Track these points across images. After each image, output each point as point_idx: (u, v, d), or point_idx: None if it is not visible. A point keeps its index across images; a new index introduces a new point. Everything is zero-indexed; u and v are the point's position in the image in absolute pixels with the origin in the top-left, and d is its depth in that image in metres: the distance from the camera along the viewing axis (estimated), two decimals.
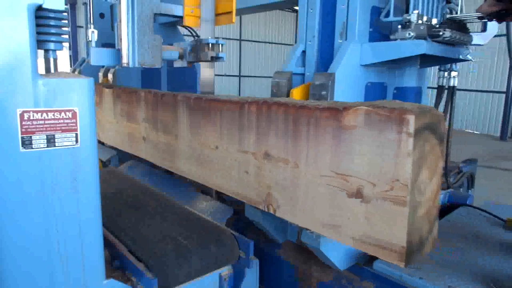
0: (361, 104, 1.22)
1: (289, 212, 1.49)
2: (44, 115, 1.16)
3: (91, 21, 2.40)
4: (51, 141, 1.18)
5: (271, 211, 1.56)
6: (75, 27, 14.60)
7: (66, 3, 1.28)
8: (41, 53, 1.24)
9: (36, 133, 1.15)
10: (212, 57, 1.96)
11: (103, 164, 3.26)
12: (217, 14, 2.03)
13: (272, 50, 18.91)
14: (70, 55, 13.39)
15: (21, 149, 1.13)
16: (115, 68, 3.07)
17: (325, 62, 1.75)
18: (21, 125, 1.12)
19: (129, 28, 1.79)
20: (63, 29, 1.28)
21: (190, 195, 2.40)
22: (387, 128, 1.14)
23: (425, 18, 1.58)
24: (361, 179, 1.22)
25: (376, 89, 1.79)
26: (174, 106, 2.03)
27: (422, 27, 1.52)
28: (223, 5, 1.99)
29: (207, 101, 1.82)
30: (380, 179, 1.17)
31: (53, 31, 1.25)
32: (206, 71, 2.27)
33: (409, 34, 1.55)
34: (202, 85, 2.31)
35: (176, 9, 2.02)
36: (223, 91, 15.50)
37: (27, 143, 1.14)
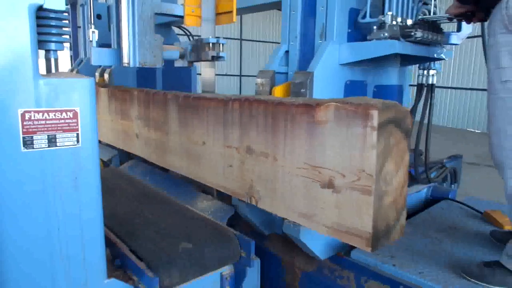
0: (331, 100, 1.32)
1: (269, 203, 1.59)
2: (46, 115, 1.17)
3: (91, 21, 2.45)
4: (52, 141, 1.19)
5: (254, 202, 1.66)
6: (75, 27, 14.70)
7: (67, 3, 1.32)
8: (42, 53, 1.26)
9: (38, 133, 1.16)
10: (212, 56, 1.98)
11: (104, 164, 3.28)
12: (217, 14, 2.05)
13: (272, 50, 18.97)
14: (71, 56, 13.52)
15: (23, 149, 1.14)
16: (111, 68, 3.17)
17: (307, 61, 1.84)
18: (23, 125, 1.13)
19: (130, 28, 1.80)
20: (64, 29, 1.29)
21: (191, 194, 2.41)
22: (354, 122, 1.23)
23: (399, 19, 1.67)
24: (332, 171, 1.31)
25: (356, 87, 1.88)
26: (164, 104, 2.13)
27: (395, 28, 1.61)
28: (223, 4, 2.01)
29: (195, 99, 1.92)
30: (349, 170, 1.26)
31: (54, 31, 1.26)
32: (207, 71, 2.29)
33: (384, 35, 1.64)
34: (203, 84, 2.32)
35: (177, 9, 2.03)
36: (224, 91, 15.57)
37: (28, 143, 1.15)
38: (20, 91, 1.11)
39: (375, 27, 1.69)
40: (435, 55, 1.85)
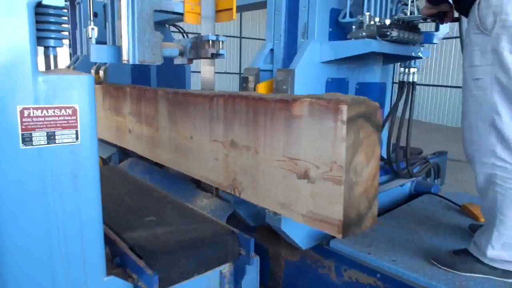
0: (306, 96, 1.40)
1: (251, 194, 1.67)
2: (44, 112, 1.16)
3: (90, 18, 2.47)
4: (51, 138, 1.18)
5: (237, 193, 1.75)
6: (75, 24, 14.75)
7: (65, 0, 1.32)
8: (41, 50, 1.26)
9: (36, 130, 1.16)
10: (212, 54, 1.97)
11: (104, 162, 3.30)
12: (217, 11, 2.05)
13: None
14: (70, 53, 13.58)
15: (21, 146, 1.14)
16: (106, 66, 3.26)
17: (291, 59, 1.92)
18: (21, 122, 1.13)
19: (129, 25, 1.79)
20: (62, 25, 1.29)
21: (190, 192, 2.41)
22: (326, 116, 1.32)
23: (377, 19, 1.75)
24: (308, 162, 1.40)
25: (337, 84, 1.96)
26: (155, 101, 2.22)
27: (372, 28, 1.70)
28: (223, 2, 2.01)
29: (183, 95, 2.01)
30: (322, 161, 1.35)
31: (53, 27, 1.26)
32: (206, 68, 2.29)
33: (362, 34, 1.73)
34: (202, 82, 2.33)
35: (177, 6, 2.02)
36: (223, 89, 15.65)
37: (27, 140, 1.14)
38: (19, 88, 1.11)
39: (354, 27, 1.78)
40: (413, 54, 1.93)
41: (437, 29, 1.96)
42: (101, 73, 3.26)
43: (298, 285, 2.04)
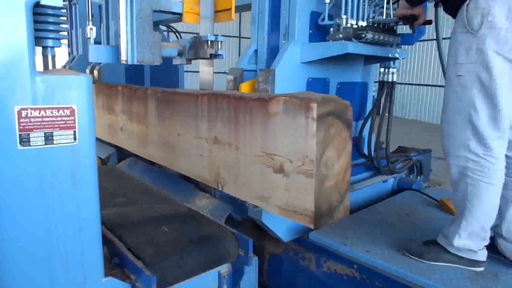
0: (281, 95, 1.50)
1: (233, 188, 1.77)
2: (42, 112, 1.16)
3: (89, 18, 2.51)
4: (49, 138, 1.18)
5: (220, 188, 1.84)
6: (71, 24, 14.82)
7: (64, 0, 1.34)
8: (39, 50, 1.27)
9: (34, 130, 1.16)
10: (211, 54, 1.97)
11: (102, 162, 3.32)
12: (216, 11, 2.06)
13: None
14: (69, 52, 13.66)
15: (19, 146, 1.14)
16: (100, 65, 3.36)
17: (274, 60, 2.02)
18: (19, 123, 1.12)
19: (127, 25, 1.79)
20: (61, 26, 1.30)
21: (189, 192, 2.42)
22: (298, 114, 1.41)
23: (353, 22, 1.85)
24: (283, 157, 1.50)
25: (318, 84, 2.06)
26: (145, 99, 2.32)
27: (349, 30, 1.79)
28: (222, 2, 2.02)
29: (171, 94, 2.11)
30: (296, 156, 1.45)
31: (51, 27, 1.26)
32: (205, 69, 2.29)
33: (339, 36, 1.82)
34: (201, 82, 2.35)
35: (175, 6, 2.01)
36: (223, 89, 15.74)
37: (25, 140, 1.14)
38: (16, 88, 1.11)
39: (332, 29, 1.88)
40: (390, 55, 2.03)
41: (413, 31, 2.05)
42: (95, 72, 3.36)
43: (281, 276, 2.13)
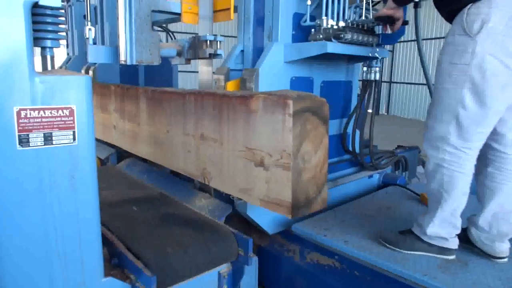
0: (261, 92, 1.59)
1: (218, 182, 1.86)
2: (41, 112, 1.16)
3: (87, 18, 2.55)
4: (48, 139, 1.19)
5: (206, 182, 1.94)
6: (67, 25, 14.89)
7: (63, 0, 1.34)
8: (38, 50, 1.27)
9: (33, 131, 1.16)
10: (210, 54, 1.97)
11: (102, 162, 3.33)
12: (215, 11, 2.07)
13: None
14: (68, 53, 13.74)
15: (18, 147, 1.14)
16: (95, 65, 3.46)
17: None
18: (18, 123, 1.13)
19: (126, 25, 1.80)
20: (59, 26, 1.31)
21: (188, 192, 2.43)
22: (276, 110, 1.51)
23: (334, 23, 1.95)
24: (263, 152, 1.59)
25: (301, 82, 2.15)
26: (136, 98, 2.41)
27: (328, 30, 1.89)
28: (221, 2, 2.03)
29: (160, 92, 2.20)
30: (274, 150, 1.54)
31: (49, 28, 1.27)
32: (204, 69, 2.31)
33: (319, 36, 1.92)
34: (200, 82, 2.36)
35: (174, 6, 2.02)
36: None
37: (24, 141, 1.15)
38: (15, 88, 1.11)
39: (313, 30, 1.97)
40: (370, 54, 2.12)
41: (393, 32, 2.14)
42: (90, 72, 3.46)
43: (268, 268, 2.23)
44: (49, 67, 1.36)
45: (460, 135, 1.61)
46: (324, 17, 1.92)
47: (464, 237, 1.78)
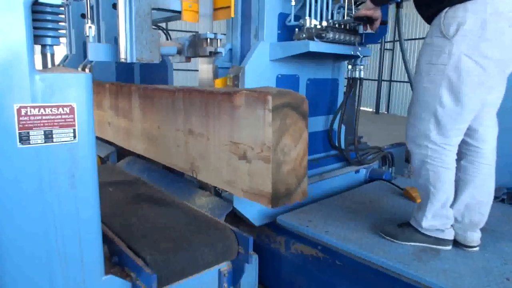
0: (244, 89, 1.69)
1: (205, 175, 1.96)
2: (42, 110, 1.17)
3: (88, 17, 2.61)
4: (48, 136, 1.19)
5: (194, 175, 2.04)
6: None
7: None
8: (38, 48, 1.27)
9: (34, 128, 1.17)
10: (210, 52, 1.99)
11: (102, 161, 3.38)
12: (215, 9, 2.09)
13: None
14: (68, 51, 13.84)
15: (19, 145, 1.14)
16: (91, 64, 3.56)
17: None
18: (19, 121, 1.13)
19: (126, 24, 1.81)
20: (60, 24, 1.31)
21: (188, 191, 2.45)
22: (257, 106, 1.60)
23: (317, 22, 2.04)
24: (246, 145, 1.69)
25: (287, 80, 2.25)
26: (129, 95, 2.51)
27: (311, 30, 1.99)
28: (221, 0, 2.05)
29: (152, 90, 2.30)
30: (256, 144, 1.64)
31: (50, 26, 1.28)
32: (204, 67, 2.34)
33: (302, 35, 2.01)
34: (201, 80, 2.36)
35: (174, 4, 2.03)
36: None
37: (24, 138, 1.15)
38: (16, 86, 1.12)
39: (297, 29, 2.07)
40: (352, 53, 2.21)
41: (377, 31, 2.23)
42: (86, 71, 3.56)
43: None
44: (49, 65, 1.38)
45: (439, 132, 1.70)
46: (307, 17, 2.02)
47: None
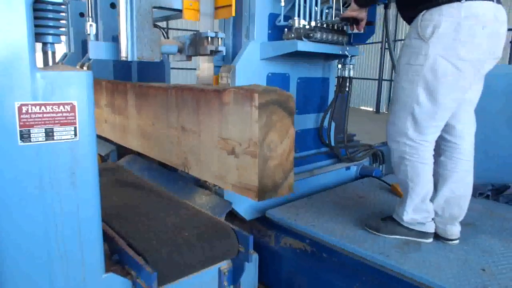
0: (233, 87, 1.77)
1: (197, 170, 2.04)
2: (43, 108, 1.17)
3: (89, 15, 2.66)
4: (49, 134, 1.20)
5: (187, 171, 2.12)
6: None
7: None
8: (39, 46, 1.29)
9: (35, 126, 1.17)
10: (211, 50, 1.99)
11: (102, 159, 3.39)
12: (216, 7, 2.11)
13: None
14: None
15: (20, 142, 1.15)
16: (89, 62, 3.64)
17: None
18: (19, 119, 1.14)
19: (127, 22, 1.82)
20: (61, 21, 1.32)
21: (189, 189, 2.48)
22: (245, 103, 1.68)
23: (305, 23, 2.12)
24: (234, 141, 1.77)
25: (278, 79, 2.33)
26: (125, 93, 2.59)
27: (299, 30, 2.06)
28: None
29: (146, 87, 2.38)
30: (244, 139, 1.71)
31: (51, 23, 1.29)
32: (205, 65, 2.35)
33: (291, 35, 2.09)
34: (201, 78, 2.38)
35: (175, 2, 2.04)
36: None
37: (25, 136, 1.15)
38: (17, 84, 1.12)
39: (287, 29, 2.15)
40: (340, 52, 2.29)
41: (364, 31, 2.31)
42: (84, 68, 3.64)
43: None
44: (50, 63, 1.40)
45: (416, 129, 1.78)
46: (296, 18, 2.09)
47: None
